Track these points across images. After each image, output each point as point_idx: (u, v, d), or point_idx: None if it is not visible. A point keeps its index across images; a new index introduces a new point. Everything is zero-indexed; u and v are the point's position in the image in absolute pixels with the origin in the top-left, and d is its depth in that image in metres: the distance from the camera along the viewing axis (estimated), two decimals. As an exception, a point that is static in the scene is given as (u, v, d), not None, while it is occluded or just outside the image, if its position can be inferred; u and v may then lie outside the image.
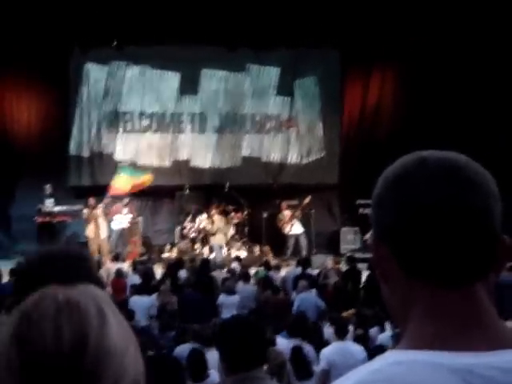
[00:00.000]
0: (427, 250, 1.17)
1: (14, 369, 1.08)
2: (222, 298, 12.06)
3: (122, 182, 18.26)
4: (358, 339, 8.62)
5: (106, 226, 17.89)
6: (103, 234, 17.71)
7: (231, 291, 12.24)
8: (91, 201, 17.88)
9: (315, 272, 14.80)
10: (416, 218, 1.17)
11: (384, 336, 8.99)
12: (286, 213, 19.27)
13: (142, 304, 11.62)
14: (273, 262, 16.92)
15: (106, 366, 1.11)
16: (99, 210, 17.64)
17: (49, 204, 18.33)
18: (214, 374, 6.75)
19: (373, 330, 9.55)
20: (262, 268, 15.33)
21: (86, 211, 17.71)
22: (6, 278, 13.54)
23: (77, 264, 1.98)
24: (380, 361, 1.16)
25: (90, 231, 17.66)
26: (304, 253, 18.46)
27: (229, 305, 11.89)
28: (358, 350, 7.76)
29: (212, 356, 6.64)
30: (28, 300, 1.18)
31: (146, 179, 18.84)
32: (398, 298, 1.24)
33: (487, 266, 1.19)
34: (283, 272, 15.16)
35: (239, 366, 3.28)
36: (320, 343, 8.62)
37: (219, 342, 3.54)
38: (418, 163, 1.21)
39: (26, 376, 1.07)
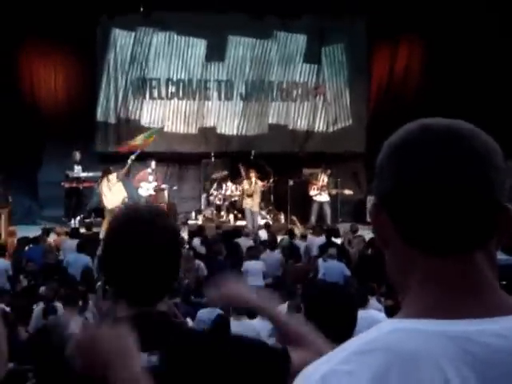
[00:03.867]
0: (423, 217, 1.16)
1: None
2: (247, 265, 12.10)
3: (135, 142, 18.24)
4: (388, 310, 8.60)
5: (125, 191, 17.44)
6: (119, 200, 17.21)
7: (255, 257, 12.28)
8: (111, 169, 17.59)
9: (339, 241, 14.79)
10: (413, 185, 1.17)
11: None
12: (324, 178, 19.10)
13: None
14: (298, 230, 16.93)
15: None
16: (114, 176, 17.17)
17: (77, 170, 18.45)
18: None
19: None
20: (287, 236, 15.33)
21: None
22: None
23: (157, 220, 2.02)
24: (377, 330, 1.16)
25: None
26: (328, 221, 18.43)
27: (254, 272, 11.93)
28: (379, 318, 7.71)
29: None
30: None
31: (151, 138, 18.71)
32: (397, 266, 1.24)
33: (486, 234, 1.18)
34: (308, 240, 15.18)
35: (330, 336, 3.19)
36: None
37: (309, 314, 3.33)
38: (420, 130, 1.21)
39: None
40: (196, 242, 14.47)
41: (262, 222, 18.31)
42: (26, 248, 13.78)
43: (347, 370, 1.11)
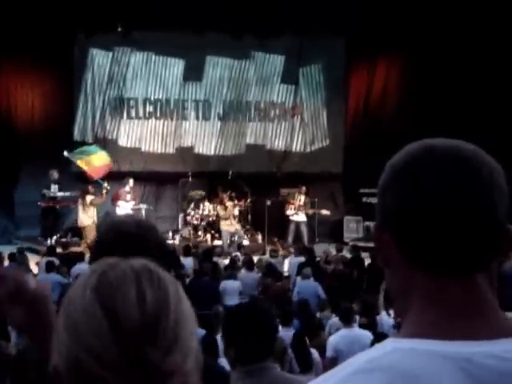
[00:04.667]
0: (427, 238, 1.17)
1: (102, 332, 1.09)
2: (224, 284, 12.09)
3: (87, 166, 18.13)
4: (363, 328, 8.63)
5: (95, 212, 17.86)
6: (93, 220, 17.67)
7: (233, 277, 12.28)
8: (90, 188, 17.86)
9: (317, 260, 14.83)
10: (416, 206, 1.17)
11: (387, 324, 9.00)
12: (301, 198, 19.12)
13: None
14: (281, 249, 16.93)
15: (183, 329, 1.14)
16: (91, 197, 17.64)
17: (53, 189, 18.35)
18: (224, 363, 6.72)
19: (380, 317, 9.52)
20: (265, 256, 15.32)
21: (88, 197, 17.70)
22: (6, 263, 13.65)
23: (149, 235, 2.00)
24: (378, 349, 1.16)
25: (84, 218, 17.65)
26: (305, 241, 18.43)
27: (231, 291, 11.93)
28: (365, 335, 7.74)
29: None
30: (101, 264, 1.20)
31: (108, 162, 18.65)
32: (399, 285, 1.25)
33: (489, 256, 1.18)
34: (286, 260, 15.19)
35: (249, 357, 3.14)
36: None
37: (227, 331, 3.34)
38: (424, 151, 1.21)
39: (112, 338, 1.09)
40: (188, 261, 14.31)
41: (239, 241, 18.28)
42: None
43: None
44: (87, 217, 17.55)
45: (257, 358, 3.15)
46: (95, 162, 18.08)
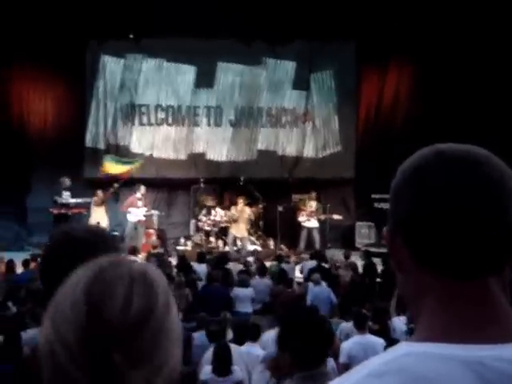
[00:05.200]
0: (439, 242, 1.17)
1: (79, 326, 1.10)
2: (236, 291, 12.07)
3: (110, 169, 18.64)
4: (375, 334, 8.59)
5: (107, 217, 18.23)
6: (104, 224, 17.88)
7: (245, 284, 12.25)
8: (99, 193, 18.15)
9: (327, 266, 14.78)
10: (429, 212, 1.18)
11: (399, 330, 8.96)
12: (313, 204, 19.14)
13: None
14: (287, 256, 16.93)
15: (161, 345, 1.13)
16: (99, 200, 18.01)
17: (66, 196, 18.41)
18: (238, 371, 6.72)
19: (392, 322, 9.48)
20: (276, 262, 15.29)
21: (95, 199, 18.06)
22: (20, 270, 13.66)
23: (103, 242, 2.02)
24: (392, 352, 1.17)
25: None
26: (317, 247, 18.41)
27: (243, 298, 11.91)
28: (378, 342, 7.73)
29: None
30: (104, 260, 1.21)
31: (133, 166, 19.18)
32: (412, 289, 1.25)
33: (501, 260, 1.19)
34: (298, 266, 15.18)
35: (306, 362, 3.15)
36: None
37: (282, 336, 3.34)
38: (434, 156, 1.22)
39: (87, 335, 1.09)
40: (202, 267, 14.25)
41: (251, 247, 18.28)
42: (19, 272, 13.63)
43: None
44: (93, 220, 17.73)
45: (314, 362, 3.16)
46: (118, 169, 18.63)
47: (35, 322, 8.27)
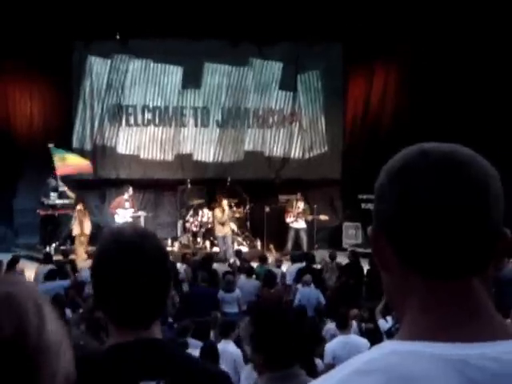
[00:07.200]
0: (423, 241, 1.17)
1: None
2: (222, 294, 12.05)
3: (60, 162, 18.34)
4: (367, 333, 8.62)
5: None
6: (87, 230, 17.87)
7: (231, 287, 12.21)
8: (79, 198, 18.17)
9: (318, 267, 14.79)
10: (412, 211, 1.18)
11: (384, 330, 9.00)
12: (300, 205, 19.16)
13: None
14: (274, 256, 16.89)
15: (44, 362, 1.10)
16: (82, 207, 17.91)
17: (53, 197, 18.36)
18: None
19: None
20: (262, 263, 15.26)
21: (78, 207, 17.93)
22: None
23: (147, 242, 2.03)
24: (376, 351, 1.17)
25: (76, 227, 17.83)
26: (304, 248, 18.44)
27: (229, 299, 11.89)
28: (362, 342, 7.76)
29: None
30: None
31: (84, 165, 18.90)
32: (396, 288, 1.26)
33: (484, 260, 1.19)
34: (284, 267, 15.16)
35: (277, 363, 3.15)
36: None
37: (256, 337, 3.31)
38: (419, 156, 1.22)
39: None
40: (181, 267, 14.31)
41: (237, 248, 18.26)
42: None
43: None
44: (76, 225, 17.76)
45: (285, 364, 3.16)
46: (69, 160, 18.26)
47: None
